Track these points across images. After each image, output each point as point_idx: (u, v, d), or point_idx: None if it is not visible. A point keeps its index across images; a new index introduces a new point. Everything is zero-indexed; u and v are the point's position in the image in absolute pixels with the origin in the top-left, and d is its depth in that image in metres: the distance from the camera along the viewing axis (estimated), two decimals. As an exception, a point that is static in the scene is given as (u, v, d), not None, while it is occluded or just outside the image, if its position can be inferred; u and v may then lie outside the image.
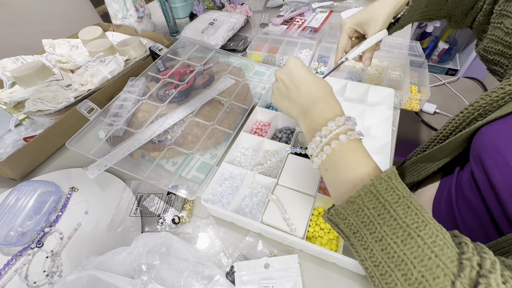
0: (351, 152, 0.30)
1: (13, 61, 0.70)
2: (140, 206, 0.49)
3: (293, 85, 0.37)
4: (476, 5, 0.50)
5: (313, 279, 0.40)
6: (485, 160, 0.38)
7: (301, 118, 0.36)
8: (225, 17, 0.88)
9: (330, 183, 0.32)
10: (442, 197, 0.48)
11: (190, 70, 0.67)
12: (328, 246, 0.41)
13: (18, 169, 0.53)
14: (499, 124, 0.38)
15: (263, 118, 0.60)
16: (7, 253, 0.44)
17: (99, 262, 0.37)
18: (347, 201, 0.27)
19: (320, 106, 0.34)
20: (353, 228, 0.28)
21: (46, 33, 0.81)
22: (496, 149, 0.36)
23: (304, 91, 0.36)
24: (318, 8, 1.01)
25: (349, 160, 0.30)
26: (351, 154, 0.30)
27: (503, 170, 0.35)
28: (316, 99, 0.35)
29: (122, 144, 0.54)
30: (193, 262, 0.39)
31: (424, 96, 0.60)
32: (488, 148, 0.38)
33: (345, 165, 0.30)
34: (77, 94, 0.63)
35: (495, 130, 0.38)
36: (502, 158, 0.35)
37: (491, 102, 0.41)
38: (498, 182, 0.35)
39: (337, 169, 0.30)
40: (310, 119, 0.34)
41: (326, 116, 0.33)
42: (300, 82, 0.36)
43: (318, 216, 0.44)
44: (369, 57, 0.50)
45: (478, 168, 0.40)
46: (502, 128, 0.37)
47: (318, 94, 0.35)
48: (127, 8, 0.85)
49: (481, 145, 0.39)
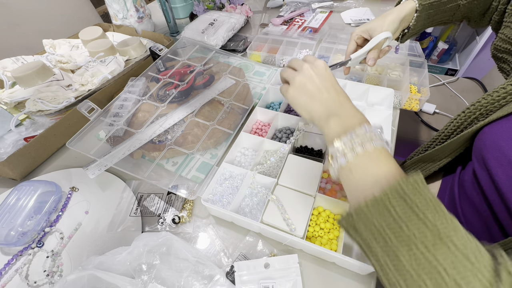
0: (383, 157, 0.30)
1: (13, 61, 0.70)
2: (140, 206, 0.49)
3: (324, 87, 0.37)
4: (492, 6, 0.51)
5: (313, 279, 0.40)
6: (488, 160, 0.38)
7: (326, 118, 0.35)
8: (225, 17, 0.88)
9: (352, 186, 0.31)
10: (445, 196, 0.48)
11: (190, 70, 0.67)
12: (328, 246, 0.41)
13: (18, 169, 0.53)
14: (502, 124, 0.38)
15: (263, 118, 0.60)
16: (7, 252, 0.44)
17: (100, 262, 0.37)
18: (372, 200, 0.26)
19: (351, 111, 0.34)
20: (375, 231, 0.26)
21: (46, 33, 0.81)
22: (499, 149, 0.36)
23: (334, 95, 0.36)
24: (318, 9, 1.01)
25: (380, 165, 0.29)
26: (383, 160, 0.29)
27: (507, 170, 0.35)
28: (346, 105, 0.35)
29: (123, 144, 0.54)
30: (193, 262, 0.39)
31: (424, 96, 0.61)
32: (490, 148, 0.38)
33: (374, 169, 0.29)
34: (78, 94, 0.63)
35: (497, 130, 0.38)
36: (505, 158, 0.35)
37: (492, 101, 0.41)
38: (502, 182, 0.35)
39: (365, 172, 0.29)
40: (340, 119, 0.34)
41: (360, 119, 0.33)
42: (331, 86, 0.37)
43: (318, 216, 0.45)
44: (373, 57, 0.51)
45: (481, 168, 0.40)
46: (504, 127, 0.37)
47: (347, 102, 0.36)
48: (128, 9, 0.85)
49: (483, 145, 0.39)
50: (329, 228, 0.43)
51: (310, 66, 0.38)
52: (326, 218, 0.44)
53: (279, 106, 0.61)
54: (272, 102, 0.64)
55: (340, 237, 0.42)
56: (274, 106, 0.62)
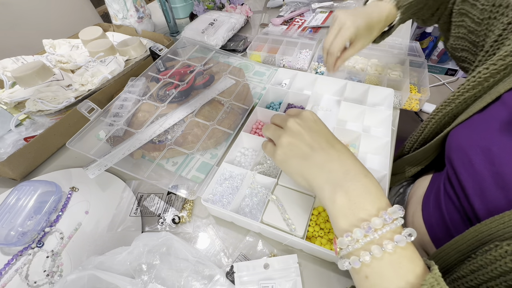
0: (407, 261, 0.23)
1: (13, 61, 0.70)
2: (140, 206, 0.49)
3: (318, 144, 0.30)
4: (441, 6, 0.52)
5: (313, 279, 0.40)
6: (453, 161, 0.41)
7: (331, 191, 0.27)
8: (225, 17, 0.88)
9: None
10: (432, 192, 0.50)
11: (190, 70, 0.67)
12: (328, 246, 0.41)
13: (18, 169, 0.53)
14: (464, 127, 0.41)
15: (263, 118, 0.60)
16: (7, 253, 0.44)
17: (100, 262, 0.37)
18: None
19: (362, 183, 0.27)
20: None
21: (46, 33, 0.81)
22: (461, 149, 0.39)
23: (333, 153, 0.29)
24: (318, 9, 1.01)
25: (404, 273, 0.23)
26: (407, 265, 0.23)
27: (468, 168, 0.37)
28: (352, 172, 0.28)
29: (123, 144, 0.54)
30: (193, 262, 0.39)
31: (424, 96, 0.61)
32: (455, 149, 0.41)
33: (396, 278, 0.23)
34: (78, 94, 0.63)
35: (459, 132, 0.41)
36: (466, 157, 0.38)
37: (456, 107, 0.45)
38: (465, 180, 0.38)
39: (383, 280, 0.23)
40: (347, 198, 0.26)
41: (374, 200, 0.25)
42: (326, 141, 0.30)
43: (318, 216, 0.45)
44: None
45: (450, 168, 0.42)
46: (466, 129, 0.40)
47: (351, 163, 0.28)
48: (128, 9, 0.85)
49: (449, 147, 0.42)
50: (329, 228, 0.43)
51: (295, 121, 0.32)
52: (326, 218, 0.44)
53: (279, 106, 0.61)
54: (272, 102, 0.64)
55: (340, 237, 0.42)
56: (274, 106, 0.62)
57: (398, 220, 0.24)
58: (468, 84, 0.42)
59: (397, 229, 0.24)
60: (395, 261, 0.23)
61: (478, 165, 0.36)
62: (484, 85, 0.40)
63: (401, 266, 0.23)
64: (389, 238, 0.24)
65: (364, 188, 0.26)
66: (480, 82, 0.40)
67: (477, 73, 0.40)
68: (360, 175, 0.27)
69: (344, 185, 0.27)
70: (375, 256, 0.23)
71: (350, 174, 0.28)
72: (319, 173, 0.29)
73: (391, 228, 0.24)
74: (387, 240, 0.24)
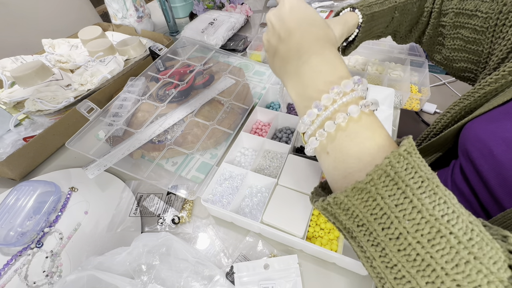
0: (364, 129, 0.23)
1: (12, 61, 0.70)
2: (140, 206, 0.49)
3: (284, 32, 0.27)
4: (420, 20, 0.52)
5: (313, 279, 0.40)
6: (471, 152, 0.40)
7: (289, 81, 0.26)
8: (225, 16, 0.88)
9: (330, 169, 0.25)
10: None
11: (190, 70, 0.67)
12: (328, 246, 0.41)
13: (17, 169, 0.53)
14: (482, 119, 0.40)
15: (263, 118, 0.60)
16: (6, 253, 0.44)
17: (99, 262, 0.37)
18: (353, 188, 0.21)
19: (314, 63, 0.25)
20: (358, 221, 0.22)
21: (45, 33, 0.81)
22: (480, 141, 0.38)
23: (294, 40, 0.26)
24: (318, 8, 1.01)
25: (362, 140, 0.22)
26: (364, 133, 0.23)
27: (489, 160, 0.37)
28: (309, 52, 0.25)
29: (122, 144, 0.54)
30: (193, 262, 0.39)
31: (425, 96, 0.60)
32: (473, 141, 0.40)
33: (355, 147, 0.22)
34: (77, 94, 0.63)
35: (478, 124, 0.41)
36: (486, 148, 0.37)
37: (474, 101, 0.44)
38: (485, 171, 0.37)
39: (343, 153, 0.23)
40: (301, 83, 0.25)
41: (325, 77, 0.24)
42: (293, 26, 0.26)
43: (318, 216, 0.44)
44: None
45: (466, 161, 0.42)
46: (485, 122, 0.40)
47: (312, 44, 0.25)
48: (127, 8, 0.85)
49: (466, 139, 0.42)
50: (330, 229, 0.43)
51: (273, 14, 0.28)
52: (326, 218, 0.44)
53: (279, 106, 0.61)
54: (272, 102, 0.64)
55: (340, 238, 0.42)
56: (274, 106, 0.62)
57: (361, 88, 0.23)
58: (490, 78, 0.41)
59: (361, 98, 0.23)
60: (351, 132, 0.23)
61: (500, 155, 0.35)
62: (508, 79, 0.39)
63: (357, 135, 0.23)
64: (354, 104, 0.23)
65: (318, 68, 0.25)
66: (504, 76, 0.40)
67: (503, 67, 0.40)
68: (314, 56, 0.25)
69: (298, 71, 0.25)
70: (328, 131, 0.23)
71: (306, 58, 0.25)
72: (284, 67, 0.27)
73: (354, 96, 0.23)
74: (352, 105, 0.23)
